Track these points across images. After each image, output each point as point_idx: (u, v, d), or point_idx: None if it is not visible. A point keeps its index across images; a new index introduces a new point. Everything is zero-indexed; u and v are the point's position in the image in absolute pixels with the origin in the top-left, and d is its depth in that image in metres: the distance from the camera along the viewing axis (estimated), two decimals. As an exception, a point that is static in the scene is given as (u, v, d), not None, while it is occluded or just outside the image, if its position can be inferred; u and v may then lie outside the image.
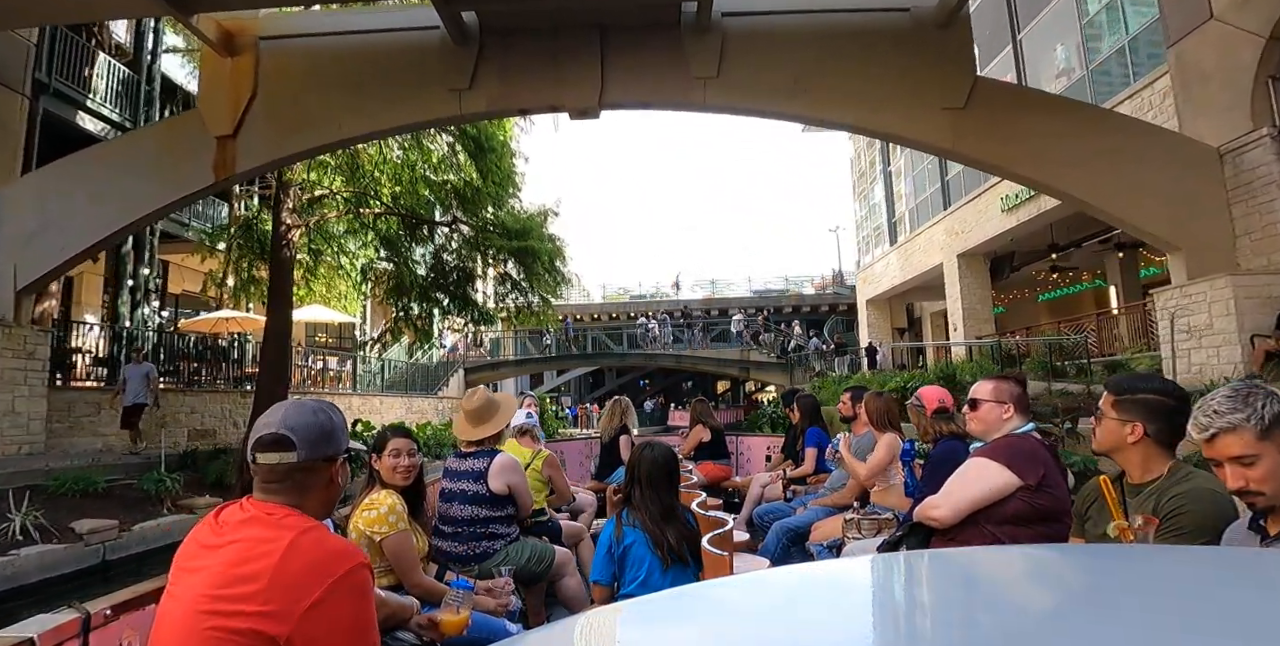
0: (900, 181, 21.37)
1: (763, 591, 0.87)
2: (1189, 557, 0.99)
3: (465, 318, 14.09)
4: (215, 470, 9.23)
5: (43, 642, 1.57)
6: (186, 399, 11.97)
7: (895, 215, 21.74)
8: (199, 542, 1.31)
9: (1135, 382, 1.83)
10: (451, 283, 13.95)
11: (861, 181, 24.63)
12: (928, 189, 19.08)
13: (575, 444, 7.59)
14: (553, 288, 13.28)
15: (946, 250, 17.68)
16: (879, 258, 22.73)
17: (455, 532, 3.21)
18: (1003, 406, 2.43)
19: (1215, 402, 1.38)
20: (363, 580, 1.26)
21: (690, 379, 48.99)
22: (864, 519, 3.48)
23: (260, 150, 9.34)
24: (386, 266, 14.39)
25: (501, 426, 3.50)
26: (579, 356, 26.62)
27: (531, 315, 13.46)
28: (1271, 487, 1.33)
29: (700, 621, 0.78)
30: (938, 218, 18.15)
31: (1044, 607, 0.77)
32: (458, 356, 23.75)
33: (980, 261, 17.24)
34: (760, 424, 16.84)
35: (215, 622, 1.19)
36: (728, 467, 6.38)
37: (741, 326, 24.53)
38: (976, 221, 16.22)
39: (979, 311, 17.07)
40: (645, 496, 2.56)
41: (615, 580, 2.52)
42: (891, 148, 21.61)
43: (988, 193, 15.60)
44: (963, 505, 2.29)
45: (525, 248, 12.10)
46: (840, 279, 30.87)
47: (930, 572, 0.93)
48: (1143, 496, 1.71)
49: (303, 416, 1.35)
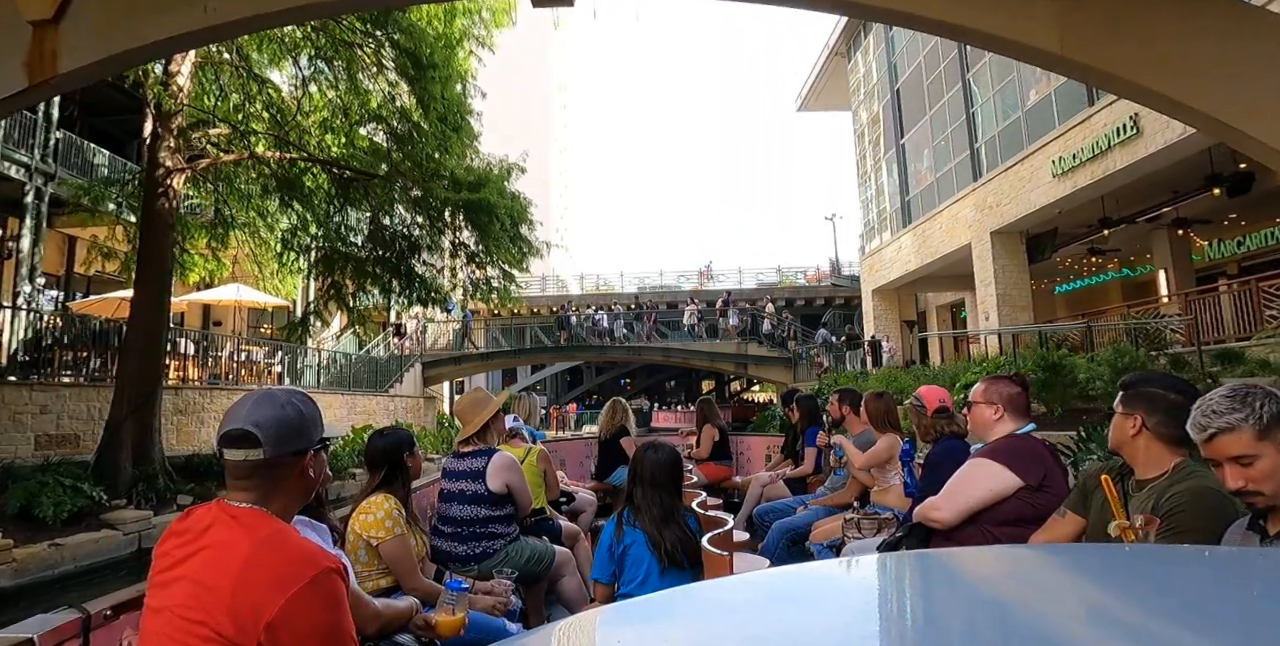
0: (916, 155, 19.07)
1: (762, 591, 0.87)
2: (1189, 557, 0.98)
3: (409, 297, 11.43)
4: (20, 496, 6.45)
5: (43, 642, 1.56)
6: (35, 395, 9.19)
7: (909, 194, 19.44)
8: (169, 554, 1.28)
9: (1143, 376, 1.87)
10: (393, 254, 11.31)
11: (867, 159, 22.31)
12: (952, 160, 16.77)
13: (575, 444, 7.43)
14: (516, 258, 10.67)
15: (976, 227, 15.38)
16: (889, 242, 20.42)
17: (455, 532, 3.17)
18: (992, 407, 2.43)
19: (1214, 403, 1.39)
20: (328, 588, 1.21)
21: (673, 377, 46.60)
22: (864, 519, 3.48)
23: (92, 41, 6.59)
24: (316, 235, 11.70)
25: (488, 417, 3.35)
26: (553, 349, 23.62)
27: (490, 292, 10.84)
28: (1270, 487, 1.34)
29: (699, 621, 0.77)
30: (965, 191, 15.85)
31: (1044, 608, 0.75)
32: (414, 349, 20.87)
33: (1017, 240, 14.96)
34: (765, 426, 14.36)
35: (193, 634, 1.18)
36: (729, 468, 6.37)
37: (733, 318, 21.99)
38: (1016, 192, 13.91)
39: (1015, 297, 14.78)
40: (648, 497, 2.57)
41: (615, 579, 2.54)
42: (906, 116, 19.32)
43: (1034, 156, 13.30)
44: (964, 506, 2.30)
45: (478, 202, 9.49)
46: (838, 269, 28.55)
47: (930, 573, 0.93)
48: (1144, 494, 1.71)
49: (269, 410, 1.29)
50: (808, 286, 31.72)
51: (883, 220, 21.24)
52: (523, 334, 25.13)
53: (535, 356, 23.97)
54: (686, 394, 46.41)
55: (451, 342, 23.33)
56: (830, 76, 24.26)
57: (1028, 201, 13.52)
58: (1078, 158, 11.96)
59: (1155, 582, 0.80)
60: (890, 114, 20.16)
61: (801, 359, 19.89)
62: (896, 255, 19.85)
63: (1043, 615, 0.72)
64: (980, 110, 15.69)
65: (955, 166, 16.68)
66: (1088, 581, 0.83)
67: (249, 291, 13.53)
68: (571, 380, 38.47)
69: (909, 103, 19.24)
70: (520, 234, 10.65)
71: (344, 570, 1.26)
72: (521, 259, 10.90)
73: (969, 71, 15.95)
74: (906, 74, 19.17)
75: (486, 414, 3.33)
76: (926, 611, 0.78)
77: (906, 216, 19.42)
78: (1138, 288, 20.13)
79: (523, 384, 33.89)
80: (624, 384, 44.02)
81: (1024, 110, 13.91)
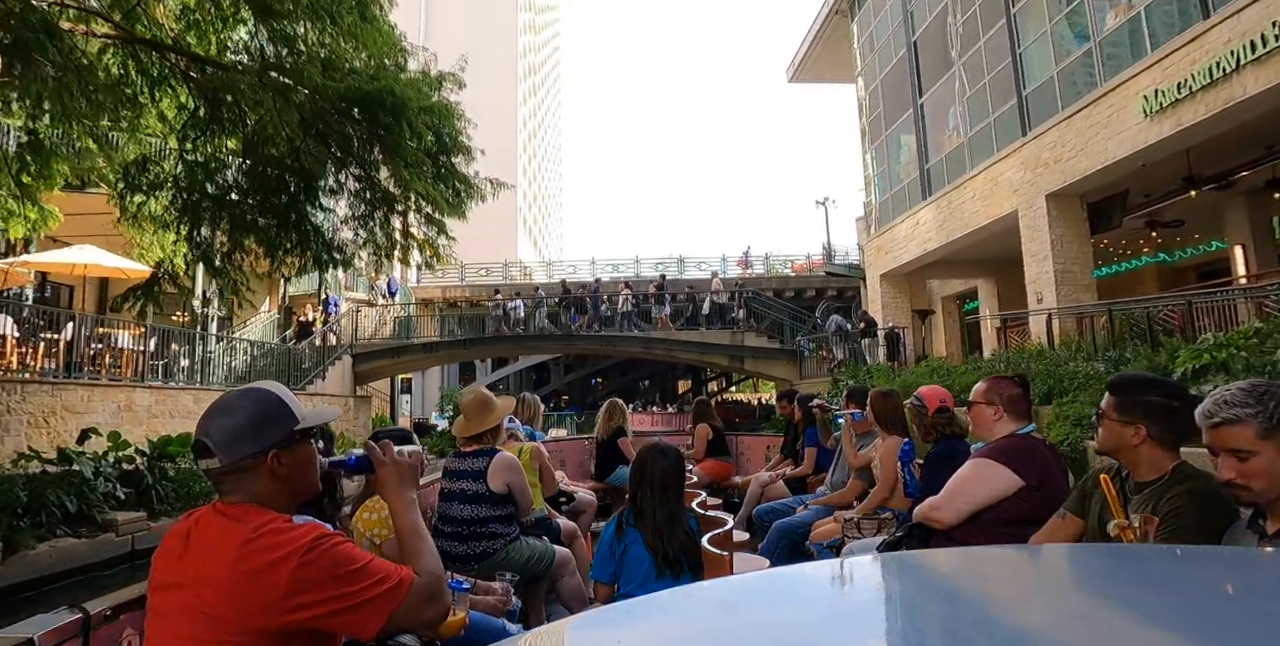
0: (938, 116, 16.37)
1: (761, 591, 0.86)
2: (1189, 557, 0.98)
3: (303, 256, 8.28)
4: None
5: (43, 642, 1.56)
6: None
7: (928, 161, 16.73)
8: (167, 556, 1.29)
9: (1138, 384, 1.83)
10: (281, 196, 8.15)
11: (876, 127, 19.59)
12: (990, 114, 14.07)
13: (575, 444, 7.42)
14: (448, 200, 7.56)
15: (1025, 191, 12.68)
16: (902, 219, 17.70)
17: (455, 532, 3.16)
18: (992, 407, 2.42)
19: (1230, 393, 1.40)
20: (329, 543, 1.21)
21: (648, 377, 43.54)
22: (864, 519, 3.48)
23: None
24: (174, 170, 8.46)
25: (500, 420, 3.41)
26: (508, 339, 20.11)
27: (404, 243, 7.73)
28: (1260, 485, 1.36)
29: (699, 621, 0.77)
30: (1010, 148, 13.14)
31: (1044, 608, 0.75)
32: (335, 337, 17.12)
33: (1077, 205, 12.28)
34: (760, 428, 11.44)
35: (198, 631, 1.19)
36: (729, 465, 6.39)
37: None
38: (1085, 143, 11.21)
39: (1076, 274, 12.09)
40: (655, 501, 2.55)
41: (615, 579, 2.52)
42: (925, 72, 16.62)
43: (1113, 94, 10.59)
44: (965, 506, 2.31)
45: (374, 95, 6.38)
46: (831, 257, 25.82)
47: (930, 573, 0.93)
48: (1144, 495, 1.71)
49: (220, 417, 1.30)
50: (796, 276, 28.99)
51: (895, 195, 18.53)
52: (482, 325, 21.87)
53: (488, 348, 20.47)
54: (662, 394, 43.52)
55: (396, 332, 20.00)
56: (829, 40, 21.56)
57: (1102, 152, 10.81)
58: (1186, 88, 9.25)
59: (1155, 582, 0.80)
60: (906, 70, 17.46)
61: (805, 352, 16.86)
62: (913, 233, 17.13)
63: (1042, 615, 0.72)
64: (1031, 49, 13.00)
65: (995, 121, 13.97)
66: (1088, 581, 0.85)
67: (100, 254, 10.18)
68: (538, 378, 35.21)
69: (929, 56, 16.56)
70: (451, 166, 7.54)
71: (348, 538, 1.24)
72: (457, 202, 7.80)
73: (1014, 5, 13.27)
74: (927, 22, 16.50)
75: (494, 419, 3.34)
76: (926, 611, 0.77)
77: (926, 188, 16.71)
78: (1176, 274, 17.77)
79: (483, 382, 30.57)
80: (595, 383, 40.89)
81: (1097, 39, 11.21)
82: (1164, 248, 17.29)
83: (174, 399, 10.76)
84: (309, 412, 1.35)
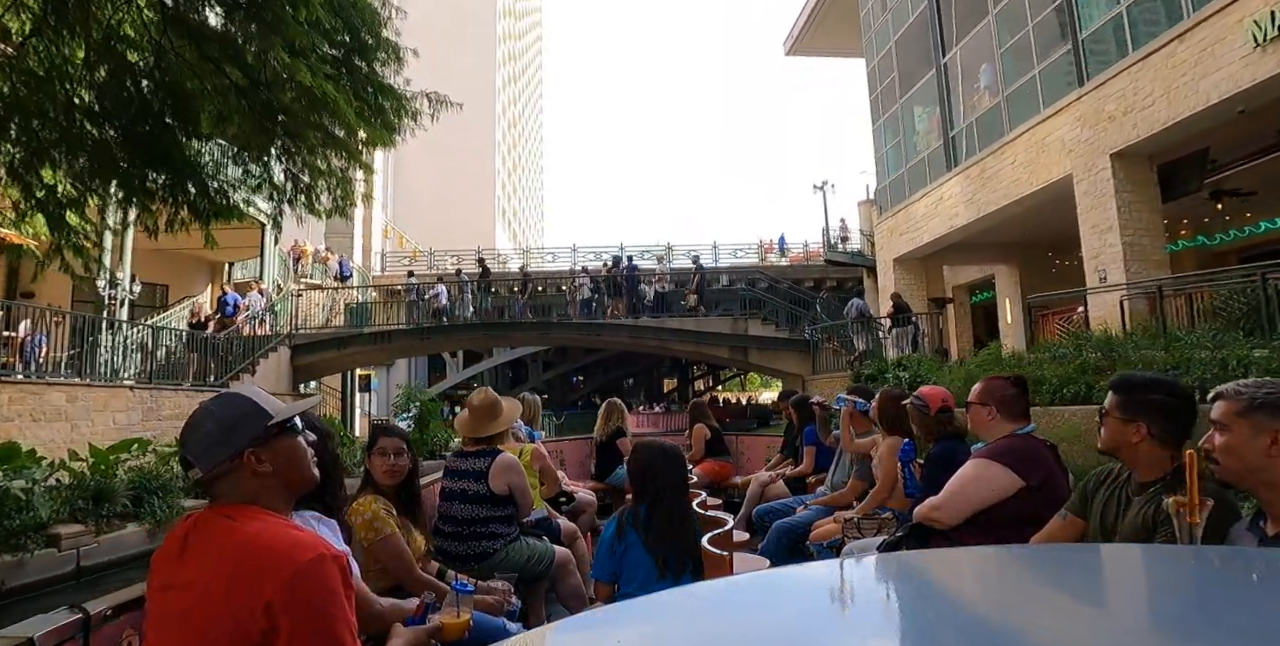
0: (968, 75, 14.42)
1: (761, 591, 0.86)
2: (1189, 557, 0.96)
3: (174, 202, 6.07)
4: None
5: (42, 642, 1.53)
6: None
7: (954, 127, 14.78)
8: (166, 559, 1.28)
9: (1141, 382, 1.84)
10: (140, 120, 5.95)
11: (889, 96, 17.60)
12: (1035, 66, 12.12)
13: (576, 443, 7.34)
14: (354, 112, 5.34)
15: (1082, 151, 10.73)
16: (921, 194, 15.75)
17: (455, 532, 3.16)
18: (986, 408, 2.42)
19: (1250, 381, 1.47)
20: (326, 572, 1.18)
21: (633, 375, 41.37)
22: (864, 519, 3.46)
23: None
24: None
25: (509, 424, 3.45)
26: (477, 328, 17.35)
27: (309, 183, 5.54)
28: (1226, 461, 1.43)
29: (699, 621, 0.77)
30: (1064, 101, 11.18)
31: (1044, 608, 0.75)
32: (263, 326, 14.58)
33: (1146, 167, 10.35)
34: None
35: (198, 635, 1.18)
36: (729, 464, 6.38)
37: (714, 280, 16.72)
38: (1166, 88, 9.27)
39: (1146, 248, 10.16)
40: (665, 504, 2.51)
41: (616, 579, 2.51)
42: (950, 27, 14.66)
43: (1208, 23, 8.64)
44: (965, 506, 2.30)
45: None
46: (830, 245, 23.83)
47: (930, 573, 0.92)
48: (1147, 495, 1.72)
49: (192, 429, 1.30)
50: (793, 267, 27.02)
51: (911, 170, 16.56)
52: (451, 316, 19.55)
53: (452, 338, 17.99)
54: (647, 393, 41.42)
55: (350, 322, 17.65)
56: (833, 3, 19.58)
57: (1191, 96, 8.87)
58: (1318, 3, 7.31)
59: (1155, 582, 0.81)
60: (927, 27, 15.50)
61: (818, 342, 14.70)
62: (935, 209, 15.18)
63: (1042, 615, 0.71)
64: (1088, -14, 11.04)
65: (1040, 73, 12.01)
66: (1088, 581, 0.84)
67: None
68: (514, 376, 32.92)
69: (956, 7, 14.60)
70: (372, 71, 5.35)
71: (346, 561, 1.25)
72: (380, 123, 5.60)
73: (1067, -65, 11.31)
74: (952, -30, 14.54)
75: (503, 423, 3.39)
76: (926, 611, 0.77)
77: (952, 158, 14.75)
78: (1216, 258, 16.00)
79: (453, 380, 28.24)
80: (576, 381, 38.64)
81: (1184, -39, 9.26)
82: (1204, 230, 15.52)
83: (37, 397, 8.47)
84: (282, 407, 1.34)
